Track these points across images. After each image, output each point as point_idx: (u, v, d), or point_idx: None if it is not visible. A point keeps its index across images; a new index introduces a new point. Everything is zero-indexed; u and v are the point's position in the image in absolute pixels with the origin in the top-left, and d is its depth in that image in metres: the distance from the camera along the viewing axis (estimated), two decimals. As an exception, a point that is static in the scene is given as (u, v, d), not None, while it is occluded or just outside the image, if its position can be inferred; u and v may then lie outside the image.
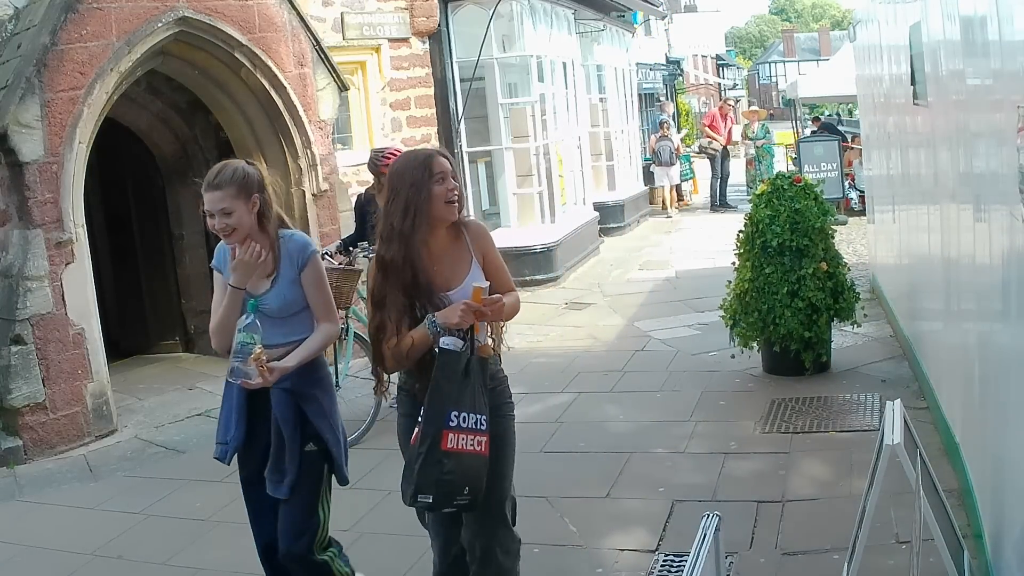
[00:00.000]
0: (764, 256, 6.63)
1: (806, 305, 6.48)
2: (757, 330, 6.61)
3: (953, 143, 4.35)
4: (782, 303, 6.47)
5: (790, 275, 6.53)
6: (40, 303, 6.55)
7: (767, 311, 6.53)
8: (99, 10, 6.81)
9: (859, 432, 5.55)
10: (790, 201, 6.64)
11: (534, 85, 12.08)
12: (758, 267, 6.64)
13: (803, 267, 6.53)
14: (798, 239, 6.55)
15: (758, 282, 6.59)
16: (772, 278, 6.55)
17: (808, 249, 6.57)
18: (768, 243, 6.58)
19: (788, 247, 6.56)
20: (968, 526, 4.02)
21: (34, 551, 5.08)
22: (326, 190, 8.36)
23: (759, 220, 6.68)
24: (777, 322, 6.49)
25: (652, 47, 29.15)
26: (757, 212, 6.74)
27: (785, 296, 6.48)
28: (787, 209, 6.60)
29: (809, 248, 6.57)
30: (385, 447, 6.19)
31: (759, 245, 6.65)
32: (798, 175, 7.15)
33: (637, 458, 5.56)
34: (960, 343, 4.53)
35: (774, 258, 6.59)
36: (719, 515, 2.90)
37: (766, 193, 6.81)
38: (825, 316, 6.56)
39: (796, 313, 6.46)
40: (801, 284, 6.50)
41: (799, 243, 6.55)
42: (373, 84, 10.79)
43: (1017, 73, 2.82)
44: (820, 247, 6.65)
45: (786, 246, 6.55)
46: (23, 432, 6.46)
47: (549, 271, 11.54)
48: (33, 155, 6.51)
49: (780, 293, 6.49)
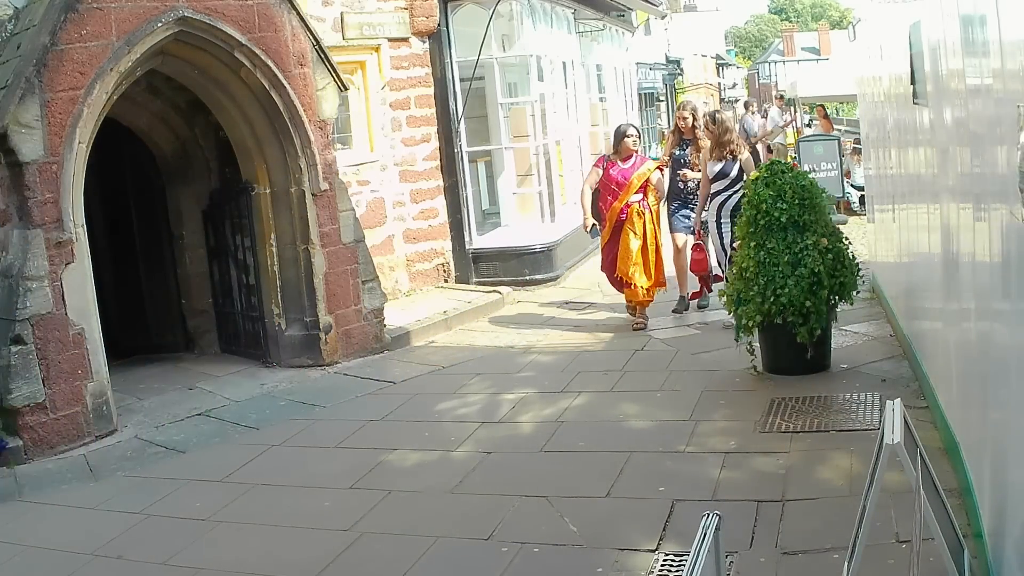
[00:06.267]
0: (767, 233, 6.72)
1: (809, 273, 6.56)
2: (758, 306, 6.64)
3: (953, 142, 4.35)
4: (783, 273, 6.56)
5: (793, 246, 6.64)
6: (40, 303, 6.55)
7: (766, 284, 6.59)
8: (99, 10, 6.81)
9: (859, 431, 5.55)
10: (794, 179, 6.79)
11: (534, 85, 12.08)
12: (760, 244, 6.73)
13: (805, 239, 6.66)
14: (806, 214, 6.70)
15: (759, 256, 6.68)
16: (774, 250, 6.65)
17: (811, 224, 6.72)
18: (776, 219, 6.68)
19: (794, 222, 6.68)
20: (968, 526, 4.02)
21: (34, 551, 5.08)
22: (326, 190, 8.37)
23: (762, 200, 6.76)
24: (779, 292, 6.55)
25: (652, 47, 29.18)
26: (758, 193, 6.82)
27: (787, 266, 6.58)
28: (792, 186, 6.73)
29: (812, 224, 6.72)
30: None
31: (762, 224, 6.74)
32: (795, 161, 7.28)
33: (637, 458, 5.56)
34: (960, 342, 4.53)
35: (776, 233, 6.70)
36: (719, 515, 2.90)
37: (762, 176, 6.93)
38: (827, 285, 6.62)
39: (799, 281, 6.53)
40: (804, 254, 6.61)
41: (805, 218, 6.69)
42: (373, 84, 10.79)
43: (1017, 72, 2.82)
44: (821, 222, 6.81)
45: (792, 221, 6.68)
46: (23, 432, 6.45)
47: (549, 271, 11.54)
48: (33, 155, 6.51)
49: (781, 263, 6.59)
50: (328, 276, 8.39)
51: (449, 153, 11.56)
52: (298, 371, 8.28)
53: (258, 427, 6.91)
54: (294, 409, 7.28)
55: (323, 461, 6.07)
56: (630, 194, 8.70)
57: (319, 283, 8.34)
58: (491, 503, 5.11)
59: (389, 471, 5.80)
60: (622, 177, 8.77)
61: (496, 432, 6.30)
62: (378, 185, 10.79)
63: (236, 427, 6.96)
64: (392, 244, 11.01)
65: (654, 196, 8.88)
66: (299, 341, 8.41)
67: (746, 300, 6.72)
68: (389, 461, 5.96)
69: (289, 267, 8.38)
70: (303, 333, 8.40)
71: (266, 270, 8.43)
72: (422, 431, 6.51)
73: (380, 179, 10.82)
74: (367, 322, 8.72)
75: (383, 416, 6.89)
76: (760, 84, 72.74)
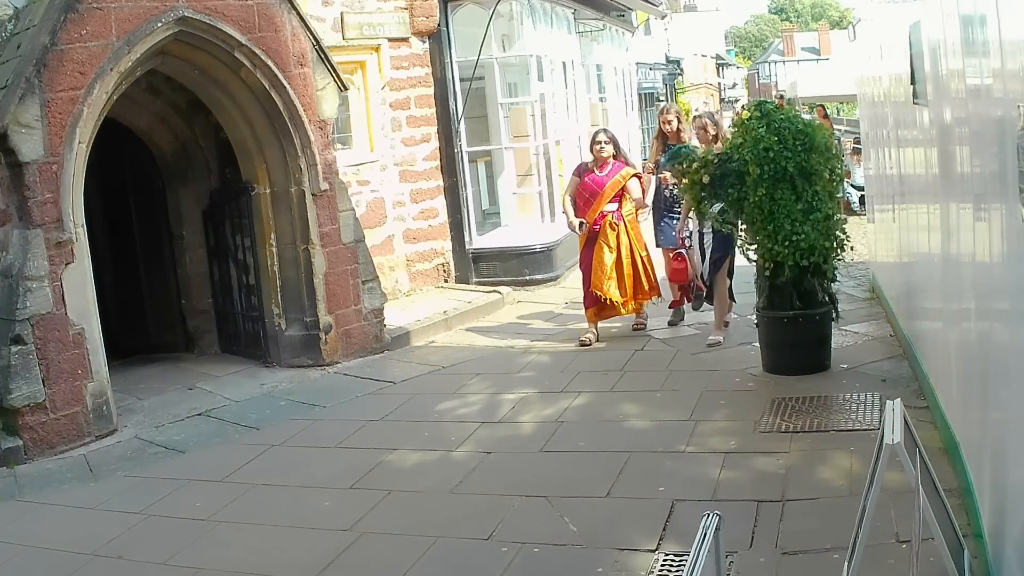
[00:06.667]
0: (773, 183, 6.59)
1: (823, 217, 6.69)
2: (768, 249, 6.64)
3: (953, 142, 4.35)
4: (799, 220, 6.58)
5: (804, 194, 6.64)
6: (40, 303, 6.55)
7: (775, 230, 6.60)
8: (99, 10, 6.81)
9: (859, 431, 5.55)
10: (788, 122, 6.66)
11: (534, 85, 12.08)
12: (768, 193, 6.60)
13: (813, 185, 6.68)
14: (812, 159, 6.63)
15: (770, 206, 6.62)
16: (783, 200, 6.60)
17: (817, 168, 6.69)
18: (784, 168, 6.55)
19: (800, 169, 6.60)
20: (968, 526, 4.02)
21: (34, 551, 5.08)
22: (326, 189, 8.37)
23: (768, 147, 6.50)
24: (796, 238, 6.56)
25: (652, 47, 29.18)
26: (761, 136, 6.57)
27: (799, 213, 6.60)
28: (790, 130, 6.61)
29: (819, 167, 6.70)
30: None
31: (768, 172, 6.55)
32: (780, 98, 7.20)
33: (637, 458, 5.56)
34: (960, 342, 4.53)
35: (783, 183, 6.61)
36: (719, 515, 2.90)
37: (755, 116, 6.74)
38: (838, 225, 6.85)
39: (816, 225, 6.63)
40: (815, 200, 6.66)
41: (812, 164, 6.64)
42: (373, 84, 10.79)
43: (1017, 72, 2.82)
44: (826, 168, 6.78)
45: (799, 169, 6.60)
46: (23, 432, 6.45)
47: (549, 271, 11.54)
48: (33, 155, 6.51)
49: (794, 211, 6.59)
50: (328, 276, 8.40)
51: (449, 153, 11.57)
52: (298, 371, 8.28)
53: (258, 427, 6.91)
54: (294, 409, 7.28)
55: (323, 461, 6.07)
56: (603, 203, 8.28)
57: (319, 283, 8.34)
58: (491, 503, 5.11)
59: (389, 471, 5.80)
60: (596, 186, 8.36)
61: (496, 432, 6.30)
62: (378, 185, 10.79)
63: (236, 427, 6.96)
64: (392, 244, 11.01)
65: (631, 205, 8.43)
66: (299, 341, 8.42)
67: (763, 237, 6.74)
68: (389, 461, 5.96)
69: (289, 267, 8.38)
70: (303, 333, 8.40)
71: (266, 270, 8.43)
72: (422, 431, 6.51)
73: (380, 179, 10.82)
74: (367, 322, 8.72)
75: (383, 416, 6.89)
76: (760, 84, 72.76)
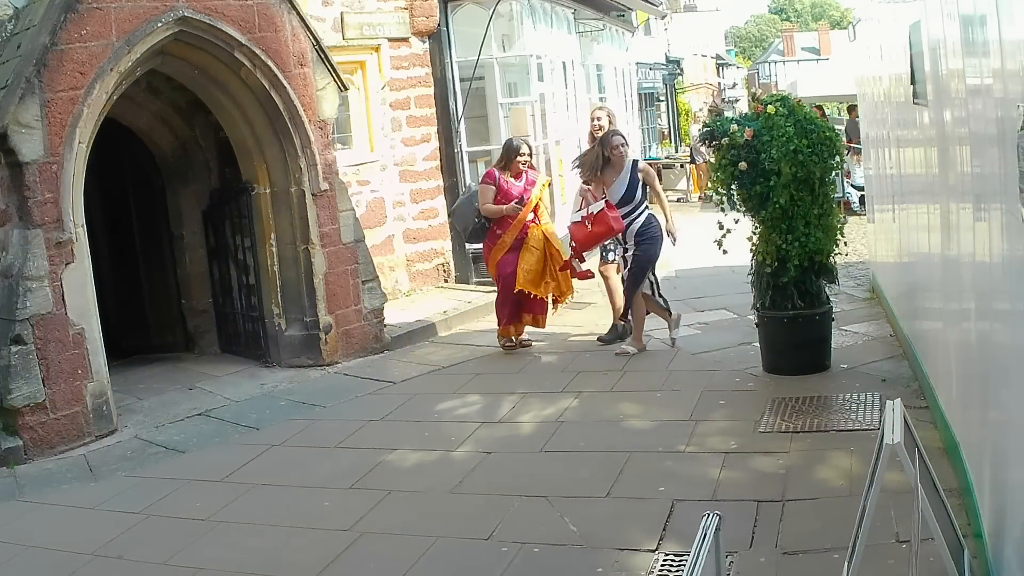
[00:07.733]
0: (796, 184, 6.64)
1: (833, 219, 6.87)
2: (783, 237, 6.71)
3: (953, 142, 4.35)
4: (813, 223, 6.70)
5: (819, 198, 6.75)
6: (40, 303, 6.55)
7: (787, 230, 6.66)
8: (99, 10, 6.81)
9: (859, 431, 5.54)
10: (816, 127, 6.69)
11: (534, 85, 12.08)
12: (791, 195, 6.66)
13: (826, 186, 6.81)
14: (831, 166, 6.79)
15: (792, 208, 6.68)
16: (802, 203, 6.68)
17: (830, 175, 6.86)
18: (812, 173, 6.63)
19: (820, 177, 6.73)
20: (968, 526, 4.02)
21: (34, 551, 5.07)
22: (326, 189, 8.37)
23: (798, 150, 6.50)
24: (805, 240, 6.67)
25: (652, 47, 29.19)
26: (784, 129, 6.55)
27: (814, 216, 6.71)
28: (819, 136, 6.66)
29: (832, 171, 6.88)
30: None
31: (797, 175, 6.58)
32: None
33: (637, 458, 5.56)
34: (960, 342, 4.53)
35: (804, 185, 6.68)
36: (719, 515, 2.90)
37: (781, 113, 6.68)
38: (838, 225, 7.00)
39: (828, 231, 6.80)
40: (826, 201, 6.81)
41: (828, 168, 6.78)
42: (373, 84, 10.80)
43: (1017, 72, 2.82)
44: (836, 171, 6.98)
45: (822, 176, 6.72)
46: (23, 432, 6.45)
47: (549, 271, 11.51)
48: (33, 155, 6.51)
49: (811, 215, 6.70)
50: (328, 276, 8.40)
51: (449, 153, 11.56)
52: (298, 371, 8.28)
53: (258, 427, 6.91)
54: (294, 409, 7.28)
55: (323, 461, 6.07)
56: (528, 211, 8.30)
57: (319, 283, 8.34)
58: (491, 503, 5.10)
59: (389, 471, 5.80)
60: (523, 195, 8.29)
61: (496, 432, 6.30)
62: (378, 185, 10.79)
63: (236, 427, 6.96)
64: (392, 244, 11.01)
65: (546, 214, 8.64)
66: (299, 341, 8.42)
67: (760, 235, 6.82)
68: (389, 461, 5.96)
69: (289, 267, 8.38)
70: (303, 333, 8.41)
71: (266, 270, 8.43)
72: (422, 431, 6.51)
73: (380, 179, 10.83)
74: (367, 322, 8.72)
75: (383, 416, 6.90)
76: (760, 84, 72.74)
